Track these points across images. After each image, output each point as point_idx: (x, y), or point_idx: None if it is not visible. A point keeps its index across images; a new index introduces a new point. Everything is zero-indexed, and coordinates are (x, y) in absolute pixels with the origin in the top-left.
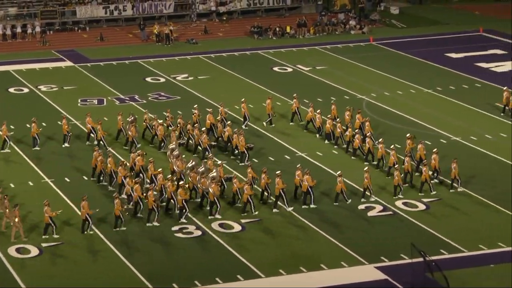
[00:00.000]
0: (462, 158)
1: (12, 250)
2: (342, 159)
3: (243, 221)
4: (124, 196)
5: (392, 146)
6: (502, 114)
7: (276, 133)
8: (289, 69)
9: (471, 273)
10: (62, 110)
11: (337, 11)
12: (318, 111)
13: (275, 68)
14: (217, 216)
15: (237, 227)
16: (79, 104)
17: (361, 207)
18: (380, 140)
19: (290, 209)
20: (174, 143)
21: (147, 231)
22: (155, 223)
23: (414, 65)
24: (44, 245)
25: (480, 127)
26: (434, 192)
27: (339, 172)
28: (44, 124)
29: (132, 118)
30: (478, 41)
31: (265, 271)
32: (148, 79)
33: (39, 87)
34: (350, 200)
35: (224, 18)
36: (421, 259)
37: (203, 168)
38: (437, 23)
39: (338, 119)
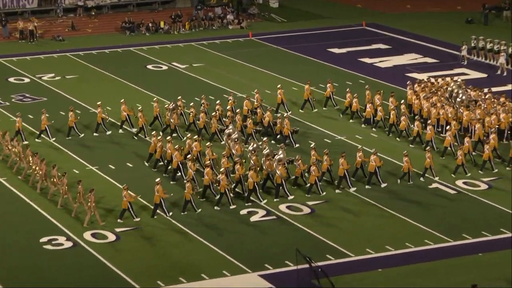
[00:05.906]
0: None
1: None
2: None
3: (117, 230)
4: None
5: (447, 127)
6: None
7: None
8: (164, 67)
9: (359, 278)
10: None
11: (213, 5)
12: (355, 95)
13: (149, 66)
14: (290, 197)
15: (111, 237)
16: None
17: (244, 212)
18: (429, 122)
19: (353, 189)
20: (231, 127)
21: (11, 243)
22: (232, 206)
23: (296, 61)
24: None
25: (367, 126)
26: (496, 170)
27: (405, 152)
28: None
29: (173, 105)
30: (361, 35)
31: (142, 282)
32: (11, 79)
33: None
34: (411, 182)
35: (93, 13)
36: (306, 265)
37: (267, 150)
38: (319, 17)
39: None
